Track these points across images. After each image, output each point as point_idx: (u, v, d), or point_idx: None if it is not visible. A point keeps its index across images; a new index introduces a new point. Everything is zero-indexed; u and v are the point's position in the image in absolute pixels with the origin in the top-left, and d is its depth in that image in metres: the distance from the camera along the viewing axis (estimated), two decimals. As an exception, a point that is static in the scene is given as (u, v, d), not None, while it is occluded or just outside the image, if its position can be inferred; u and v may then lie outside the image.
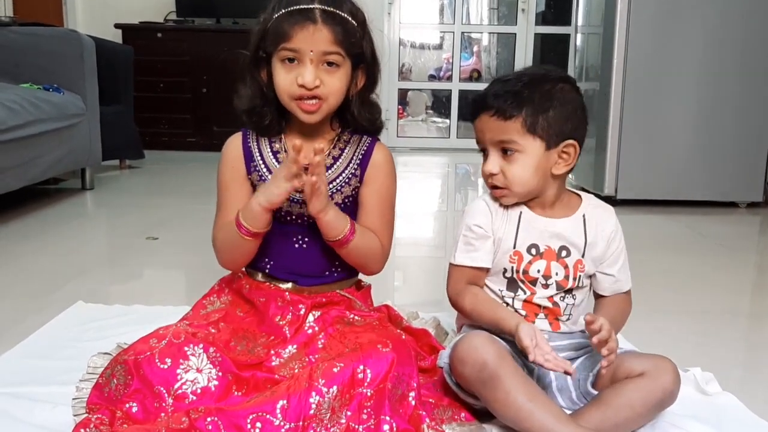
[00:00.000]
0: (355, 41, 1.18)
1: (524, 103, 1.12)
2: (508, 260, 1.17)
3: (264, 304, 1.23)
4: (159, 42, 4.95)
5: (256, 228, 1.18)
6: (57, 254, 2.24)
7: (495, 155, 1.16)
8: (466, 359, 1.05)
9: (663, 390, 1.06)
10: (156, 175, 4.12)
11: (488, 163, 1.16)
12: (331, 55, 1.16)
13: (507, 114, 1.12)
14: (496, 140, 1.14)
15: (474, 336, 1.08)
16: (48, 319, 1.54)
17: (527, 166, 1.14)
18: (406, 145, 5.70)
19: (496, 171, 1.15)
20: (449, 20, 6.62)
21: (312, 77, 1.14)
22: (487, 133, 1.15)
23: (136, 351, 1.07)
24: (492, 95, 1.14)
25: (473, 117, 1.18)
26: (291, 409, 0.97)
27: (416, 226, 3.07)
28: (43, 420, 1.09)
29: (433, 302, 1.68)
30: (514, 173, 1.14)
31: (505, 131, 1.13)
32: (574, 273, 1.17)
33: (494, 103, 1.13)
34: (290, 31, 1.14)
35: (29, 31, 3.28)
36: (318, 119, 1.20)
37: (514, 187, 1.15)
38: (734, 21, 3.06)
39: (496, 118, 1.13)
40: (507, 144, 1.13)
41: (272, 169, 1.23)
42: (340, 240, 1.18)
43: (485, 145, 1.17)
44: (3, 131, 2.49)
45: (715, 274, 2.19)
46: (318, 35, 1.14)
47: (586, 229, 1.18)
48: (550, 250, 1.17)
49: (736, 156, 3.15)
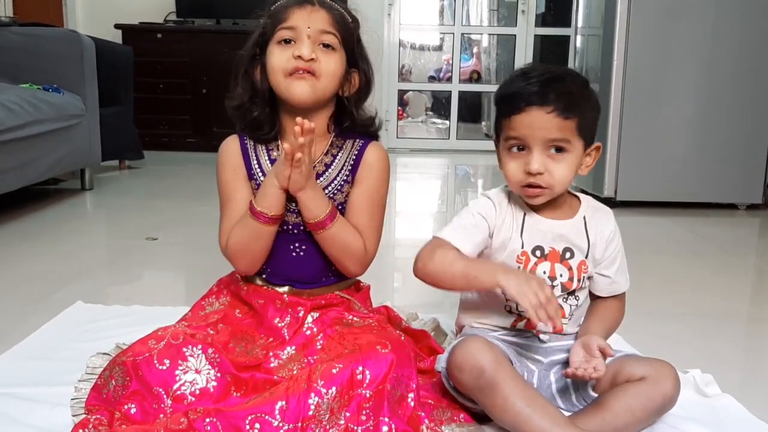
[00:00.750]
0: (350, 31, 1.21)
1: (580, 104, 1.11)
2: (515, 261, 1.16)
3: (262, 306, 1.23)
4: (159, 43, 4.95)
5: (273, 211, 1.17)
6: (56, 255, 2.24)
7: (541, 153, 1.10)
8: (463, 365, 1.04)
9: (663, 395, 1.06)
10: (155, 175, 4.12)
11: (534, 162, 1.10)
12: (327, 35, 1.17)
13: (567, 113, 1.09)
14: (550, 138, 1.09)
15: (471, 341, 1.07)
16: (47, 320, 1.54)
17: (572, 167, 1.12)
18: (405, 146, 5.70)
19: (543, 170, 1.10)
20: (449, 21, 6.63)
21: (309, 49, 1.15)
22: (538, 130, 1.09)
23: (134, 352, 1.07)
24: (547, 91, 1.09)
25: (514, 112, 1.10)
26: (290, 410, 0.97)
27: (416, 227, 3.08)
28: (41, 420, 1.09)
29: (433, 303, 1.68)
30: (560, 173, 1.11)
31: (562, 130, 1.09)
32: (578, 274, 1.17)
33: (552, 100, 1.08)
34: (288, 11, 1.18)
35: (29, 31, 3.28)
36: (310, 95, 1.18)
37: (557, 187, 1.12)
38: (734, 23, 3.07)
39: (554, 116, 1.08)
40: (560, 143, 1.10)
41: None
42: (318, 222, 1.17)
43: (527, 141, 1.10)
44: (2, 132, 2.49)
45: (714, 276, 2.19)
46: (315, 15, 1.17)
47: (588, 231, 1.18)
48: (554, 251, 1.16)
49: (735, 158, 3.15)
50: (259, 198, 1.18)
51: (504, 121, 1.13)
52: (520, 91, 1.10)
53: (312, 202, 1.17)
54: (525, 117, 1.10)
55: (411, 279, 1.19)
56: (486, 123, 6.90)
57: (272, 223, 1.18)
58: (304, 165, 1.12)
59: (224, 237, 1.24)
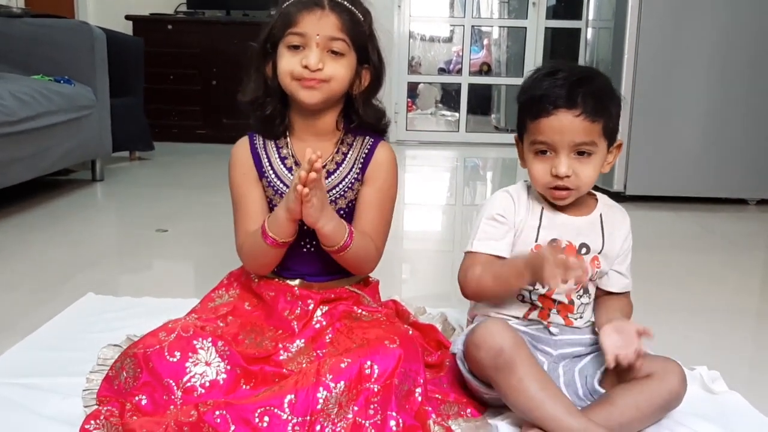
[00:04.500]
0: (361, 32, 1.20)
1: (606, 106, 1.11)
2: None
3: (273, 298, 1.24)
4: (169, 34, 4.96)
5: (282, 237, 1.18)
6: (67, 245, 2.25)
7: (567, 156, 1.11)
8: (482, 344, 1.05)
9: (669, 392, 1.07)
10: (165, 166, 4.13)
11: (562, 165, 1.10)
12: (336, 41, 1.17)
13: (594, 116, 1.09)
14: (577, 141, 1.10)
15: (492, 322, 1.08)
16: (58, 311, 1.55)
17: (597, 168, 1.14)
18: (415, 138, 5.69)
19: (570, 173, 1.11)
20: (459, 13, 6.61)
21: (316, 59, 1.15)
22: (567, 134, 1.10)
23: (145, 344, 1.08)
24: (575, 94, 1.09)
25: (543, 114, 1.10)
26: (299, 403, 0.98)
27: (424, 220, 3.08)
28: (53, 411, 1.10)
29: (441, 295, 1.68)
30: (587, 175, 1.12)
31: (589, 133, 1.10)
32: (591, 270, 1.17)
33: (580, 103, 1.09)
34: (297, 15, 1.16)
35: (41, 23, 3.29)
36: (318, 99, 1.19)
37: (583, 188, 1.14)
38: (746, 16, 3.04)
39: (582, 119, 1.09)
40: (587, 146, 1.11)
41: (280, 176, 1.25)
42: (338, 248, 1.18)
43: (555, 146, 1.11)
44: (14, 122, 2.51)
45: (723, 271, 2.19)
46: (325, 20, 1.16)
47: (604, 228, 1.19)
48: (571, 246, 1.17)
49: (746, 152, 3.13)
50: (270, 223, 1.19)
51: (530, 122, 1.13)
52: (547, 93, 1.11)
53: (330, 233, 1.16)
54: (554, 121, 1.10)
55: (419, 271, 1.19)
56: (496, 115, 6.89)
57: (279, 247, 1.20)
58: (315, 198, 1.11)
59: (240, 238, 1.26)
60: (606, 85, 1.15)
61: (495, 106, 6.93)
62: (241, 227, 1.26)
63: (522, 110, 1.16)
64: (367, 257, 1.24)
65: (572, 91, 1.09)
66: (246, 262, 1.27)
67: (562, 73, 1.12)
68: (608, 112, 1.12)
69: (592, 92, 1.10)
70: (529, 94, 1.13)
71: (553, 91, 1.10)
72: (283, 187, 1.24)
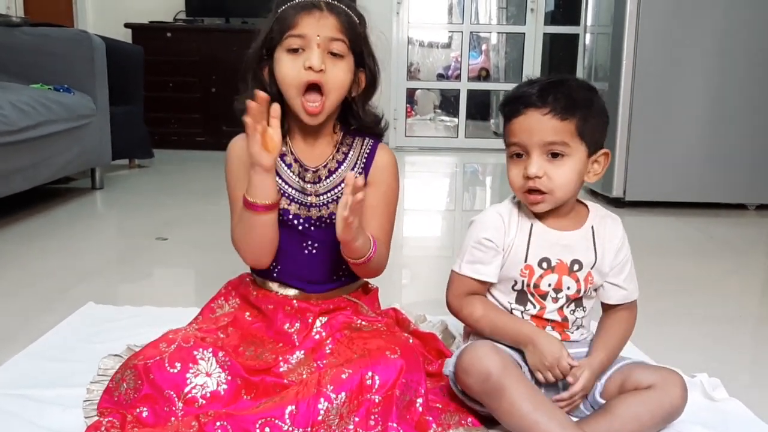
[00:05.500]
0: (358, 35, 1.20)
1: (577, 106, 1.10)
2: (519, 273, 1.15)
3: (272, 311, 1.24)
4: (168, 42, 4.97)
5: (265, 199, 1.15)
6: (67, 254, 2.25)
7: (539, 157, 1.10)
8: (470, 370, 1.05)
9: (671, 404, 1.07)
10: (165, 174, 4.14)
11: (532, 165, 1.09)
12: (336, 42, 1.17)
13: (564, 114, 1.08)
14: (547, 141, 1.09)
15: (478, 346, 1.08)
16: (58, 319, 1.56)
17: (573, 171, 1.11)
18: (414, 144, 5.69)
19: (541, 174, 1.09)
20: (458, 19, 6.62)
21: (319, 59, 1.15)
22: (536, 134, 1.09)
23: (145, 356, 1.08)
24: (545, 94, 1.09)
25: (515, 114, 1.11)
26: (299, 414, 0.98)
27: (424, 226, 3.08)
28: (53, 422, 1.10)
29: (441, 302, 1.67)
30: (560, 176, 1.10)
31: (558, 132, 1.09)
32: (585, 286, 1.16)
33: (550, 101, 1.08)
34: (296, 18, 1.16)
35: (40, 31, 3.30)
36: (321, 120, 1.20)
37: (557, 192, 1.11)
38: (744, 20, 3.05)
39: (550, 117, 1.08)
40: (557, 146, 1.09)
41: (280, 173, 1.23)
42: (363, 260, 1.17)
43: (526, 146, 1.10)
44: (14, 132, 2.51)
45: (723, 277, 2.19)
46: (324, 21, 1.16)
47: (596, 242, 1.17)
48: (562, 263, 1.15)
49: (745, 157, 3.13)
50: (249, 189, 1.16)
51: (506, 127, 1.14)
52: (521, 95, 1.12)
53: (360, 247, 1.15)
54: (523, 120, 1.10)
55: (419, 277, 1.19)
56: (495, 121, 6.89)
57: (268, 210, 1.16)
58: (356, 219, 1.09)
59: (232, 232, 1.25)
60: (582, 89, 1.13)
61: (494, 111, 6.93)
62: (235, 221, 1.24)
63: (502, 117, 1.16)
64: (382, 263, 1.24)
65: (544, 91, 1.09)
66: (242, 249, 1.22)
67: (541, 79, 1.13)
68: (581, 114, 1.10)
69: (564, 92, 1.10)
70: (506, 98, 1.15)
71: (526, 92, 1.11)
72: (282, 184, 1.22)
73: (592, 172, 1.15)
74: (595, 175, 1.16)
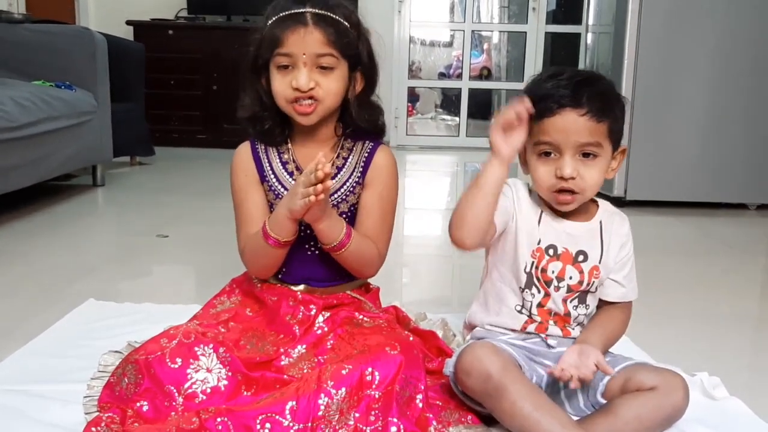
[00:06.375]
0: (349, 42, 1.19)
1: (612, 107, 1.10)
2: (531, 255, 1.16)
3: (275, 303, 1.25)
4: (170, 39, 4.97)
5: (283, 237, 1.19)
6: (68, 250, 2.25)
7: (572, 158, 1.09)
8: (470, 370, 1.05)
9: (673, 406, 1.06)
10: (166, 172, 4.14)
11: (567, 166, 1.09)
12: (324, 57, 1.17)
13: (600, 116, 1.08)
14: (583, 142, 1.09)
15: (478, 346, 1.08)
16: (59, 316, 1.56)
17: (602, 171, 1.12)
18: (415, 143, 5.69)
19: (575, 174, 1.09)
20: (459, 18, 6.61)
21: (306, 80, 1.16)
22: (572, 134, 1.08)
23: (146, 351, 1.08)
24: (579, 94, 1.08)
25: (548, 113, 1.09)
26: (300, 410, 0.98)
27: (425, 225, 3.08)
28: (54, 418, 1.10)
29: (441, 300, 1.68)
30: (592, 177, 1.10)
31: (593, 133, 1.09)
32: (588, 278, 1.16)
33: (585, 102, 1.08)
34: (282, 36, 1.16)
35: (42, 28, 3.30)
36: (314, 121, 1.21)
37: (587, 192, 1.12)
38: (746, 21, 3.05)
39: (588, 119, 1.07)
40: (591, 147, 1.09)
41: (282, 181, 1.25)
42: (335, 246, 1.19)
43: (560, 146, 1.10)
44: (15, 128, 2.51)
45: (723, 276, 2.19)
46: (309, 38, 1.15)
47: (603, 236, 1.18)
48: (567, 252, 1.16)
49: (746, 157, 3.13)
50: (271, 223, 1.19)
51: (533, 124, 1.11)
52: (551, 92, 1.09)
53: (329, 230, 1.18)
54: (558, 120, 1.09)
55: (419, 276, 1.19)
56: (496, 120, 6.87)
57: (281, 247, 1.21)
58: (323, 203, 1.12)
59: (241, 242, 1.27)
60: (611, 87, 1.14)
61: (495, 110, 6.93)
62: (242, 231, 1.27)
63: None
64: (369, 259, 1.24)
65: (577, 90, 1.08)
66: (249, 265, 1.28)
67: (566, 74, 1.11)
68: (613, 114, 1.11)
69: (598, 92, 1.09)
70: (531, 94, 1.11)
71: (557, 90, 1.09)
72: (284, 192, 1.24)
73: (610, 168, 1.16)
74: (613, 171, 1.16)
